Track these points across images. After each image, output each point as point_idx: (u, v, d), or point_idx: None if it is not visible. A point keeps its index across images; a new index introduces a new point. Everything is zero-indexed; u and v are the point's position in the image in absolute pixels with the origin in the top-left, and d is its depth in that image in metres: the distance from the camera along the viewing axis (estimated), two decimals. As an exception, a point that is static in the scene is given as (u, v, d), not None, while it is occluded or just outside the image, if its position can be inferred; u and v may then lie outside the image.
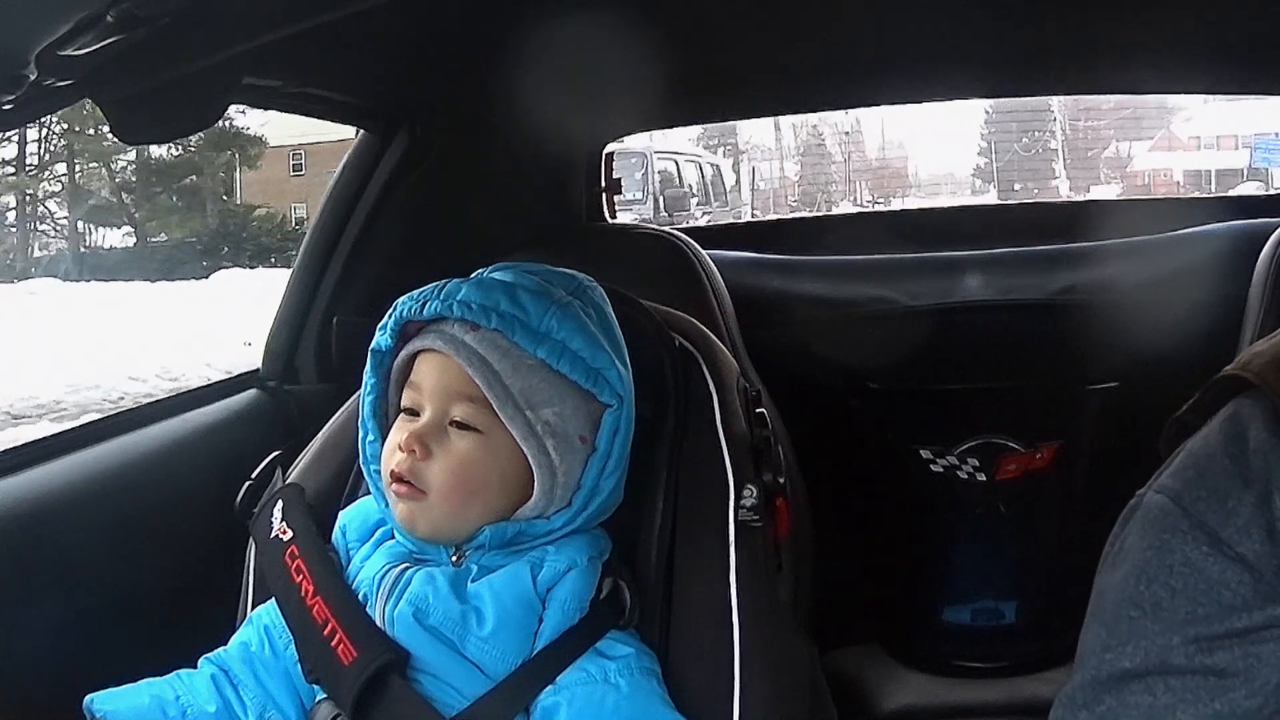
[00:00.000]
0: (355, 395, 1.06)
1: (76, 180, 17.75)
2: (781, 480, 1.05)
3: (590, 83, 1.65)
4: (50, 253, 17.72)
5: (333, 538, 1.03)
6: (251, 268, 14.71)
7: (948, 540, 1.91)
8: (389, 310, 0.99)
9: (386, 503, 0.98)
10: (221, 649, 1.00)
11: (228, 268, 14.94)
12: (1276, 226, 1.61)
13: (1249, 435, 0.73)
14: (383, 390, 1.01)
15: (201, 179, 17.72)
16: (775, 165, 21.02)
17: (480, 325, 0.94)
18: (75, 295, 12.59)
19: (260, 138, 17.12)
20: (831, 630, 1.54)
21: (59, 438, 1.31)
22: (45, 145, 17.35)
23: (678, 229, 1.96)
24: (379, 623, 0.94)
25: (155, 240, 17.68)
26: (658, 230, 1.85)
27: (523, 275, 0.99)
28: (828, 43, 1.72)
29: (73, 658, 1.12)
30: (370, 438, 1.00)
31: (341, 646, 0.92)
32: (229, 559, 1.10)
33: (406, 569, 0.96)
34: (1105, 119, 19.83)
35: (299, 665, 0.96)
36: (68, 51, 0.73)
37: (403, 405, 0.98)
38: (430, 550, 0.96)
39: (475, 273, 1.00)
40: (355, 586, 0.97)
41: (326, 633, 0.93)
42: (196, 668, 0.98)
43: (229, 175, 18.24)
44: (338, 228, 1.63)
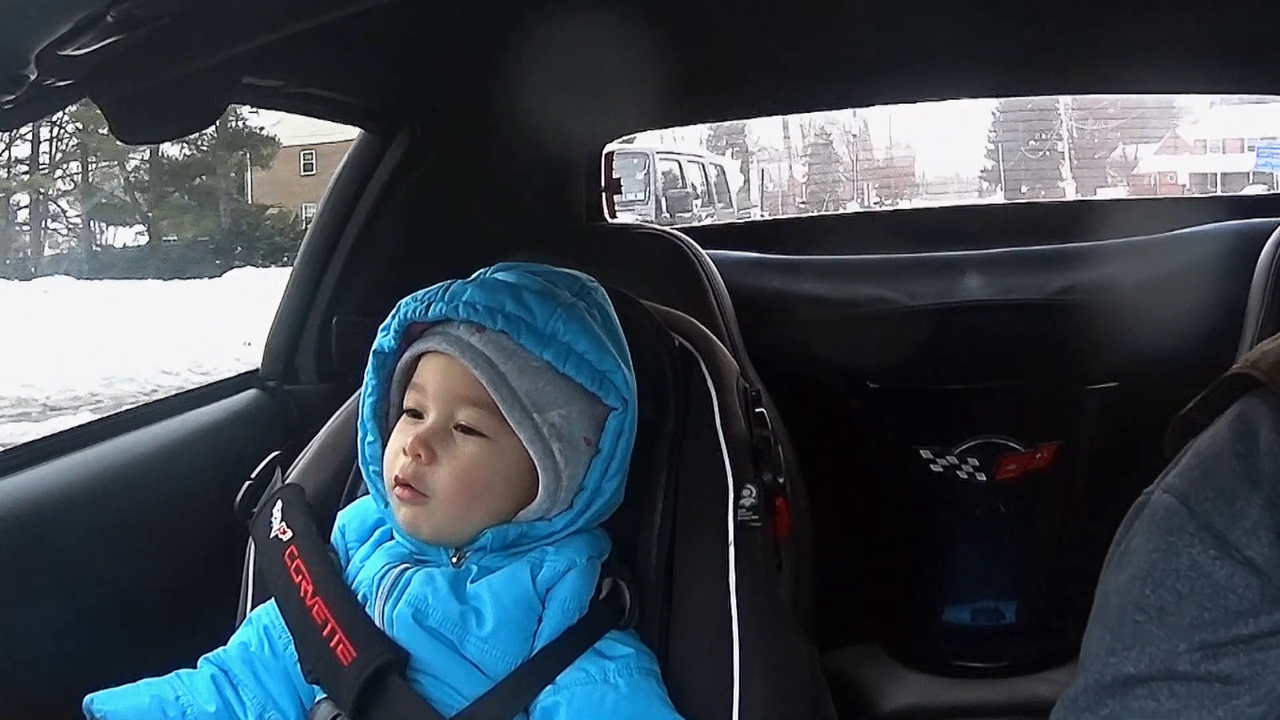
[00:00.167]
0: (355, 395, 1.05)
1: (90, 179, 17.73)
2: (781, 480, 1.04)
3: (590, 83, 1.65)
4: (61, 251, 17.67)
5: (332, 538, 1.03)
6: (264, 267, 14.70)
7: (948, 540, 1.91)
8: (392, 311, 0.98)
9: (386, 504, 0.98)
10: (221, 649, 1.00)
11: (240, 267, 14.94)
12: (1276, 226, 1.61)
13: (1259, 436, 0.72)
14: (384, 391, 1.00)
15: (214, 178, 17.71)
16: (784, 167, 20.97)
17: (486, 327, 0.94)
18: (89, 293, 12.56)
19: (273, 138, 17.11)
20: (831, 630, 1.54)
21: (59, 437, 1.31)
22: (57, 144, 17.33)
23: (678, 228, 1.96)
24: (378, 623, 0.94)
25: (168, 239, 17.65)
26: (658, 230, 1.85)
27: (527, 276, 0.98)
28: (828, 42, 1.72)
29: (73, 658, 1.11)
30: (370, 439, 1.00)
31: (341, 647, 0.92)
32: (229, 559, 1.10)
33: (406, 569, 0.96)
34: (1112, 121, 19.78)
35: (298, 665, 0.96)
36: (68, 51, 0.73)
37: (406, 407, 0.97)
38: (430, 551, 0.96)
39: (478, 273, 1.00)
40: (355, 587, 0.97)
41: (326, 633, 0.93)
42: (196, 668, 0.98)
43: (241, 175, 18.21)
44: (338, 228, 1.63)
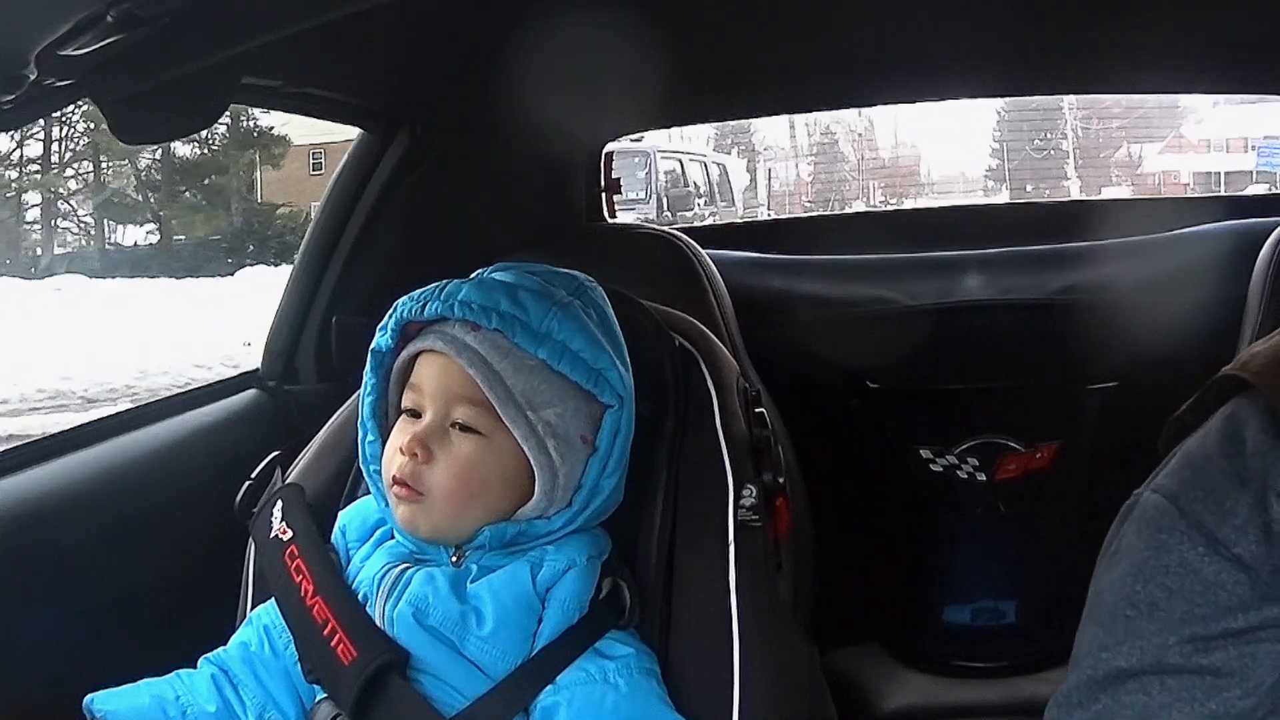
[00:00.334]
0: (355, 395, 1.06)
1: (102, 178, 17.71)
2: (781, 480, 1.04)
3: (590, 83, 1.65)
4: (72, 249, 17.64)
5: (332, 538, 1.03)
6: (276, 265, 14.65)
7: (948, 540, 1.91)
8: (389, 311, 0.98)
9: (387, 503, 0.98)
10: (221, 649, 1.00)
11: (253, 265, 14.92)
12: (1276, 226, 1.61)
13: (1246, 436, 0.73)
14: (383, 391, 1.00)
15: (226, 177, 17.68)
16: (791, 166, 20.98)
17: (481, 326, 0.94)
18: (101, 291, 12.53)
19: (284, 137, 17.09)
20: (831, 630, 1.54)
21: (59, 437, 1.31)
22: (68, 143, 17.30)
23: (678, 228, 1.96)
24: (379, 623, 0.94)
25: (179, 238, 17.63)
26: (658, 230, 1.85)
27: (523, 275, 0.99)
28: (829, 42, 1.72)
29: (73, 658, 1.12)
30: (370, 438, 1.00)
31: (341, 646, 0.92)
32: (229, 559, 1.10)
33: (406, 569, 0.96)
34: (1116, 121, 19.80)
35: (299, 665, 0.96)
36: (68, 51, 0.74)
37: (403, 406, 0.98)
38: (430, 550, 0.96)
39: (475, 273, 1.00)
40: (355, 586, 0.97)
41: (326, 633, 0.93)
42: (196, 668, 0.98)
43: (252, 174, 18.19)
44: (338, 228, 1.63)
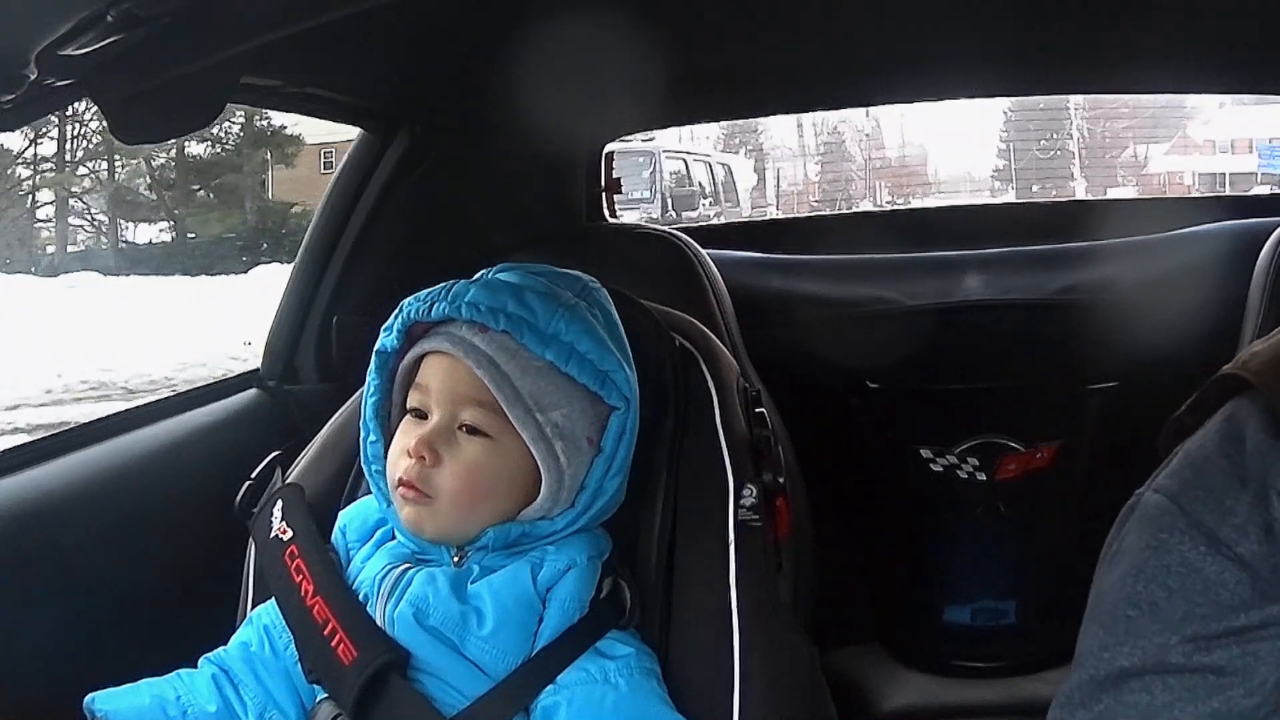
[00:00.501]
0: (356, 395, 1.06)
1: (116, 176, 17.68)
2: (781, 480, 1.04)
3: (590, 83, 1.65)
4: (86, 247, 17.59)
5: (332, 538, 1.03)
6: (289, 263, 14.68)
7: (948, 540, 1.91)
8: (395, 311, 0.98)
9: (388, 503, 0.98)
10: (222, 649, 1.00)
11: (267, 263, 14.90)
12: (1276, 226, 1.61)
13: (1246, 435, 0.73)
14: (386, 391, 1.00)
15: (240, 176, 17.65)
16: (798, 167, 20.96)
17: (488, 327, 0.94)
18: (115, 289, 12.50)
19: (297, 136, 17.05)
20: (831, 630, 1.54)
21: (59, 437, 1.31)
22: (82, 142, 17.26)
23: (678, 228, 1.96)
24: (379, 623, 0.94)
25: (192, 236, 17.60)
26: (658, 230, 1.85)
27: (529, 277, 0.98)
28: (829, 42, 1.72)
29: (73, 658, 1.11)
30: (372, 438, 1.00)
31: (342, 646, 0.92)
32: (229, 559, 1.10)
33: (408, 569, 0.96)
34: (1122, 122, 19.78)
35: (299, 665, 0.96)
36: (68, 51, 0.74)
37: (409, 406, 0.97)
38: (432, 551, 0.96)
39: (480, 273, 1.00)
40: (356, 587, 0.97)
41: (327, 633, 0.93)
42: (196, 668, 0.98)
43: (265, 172, 18.15)
44: (338, 228, 1.63)
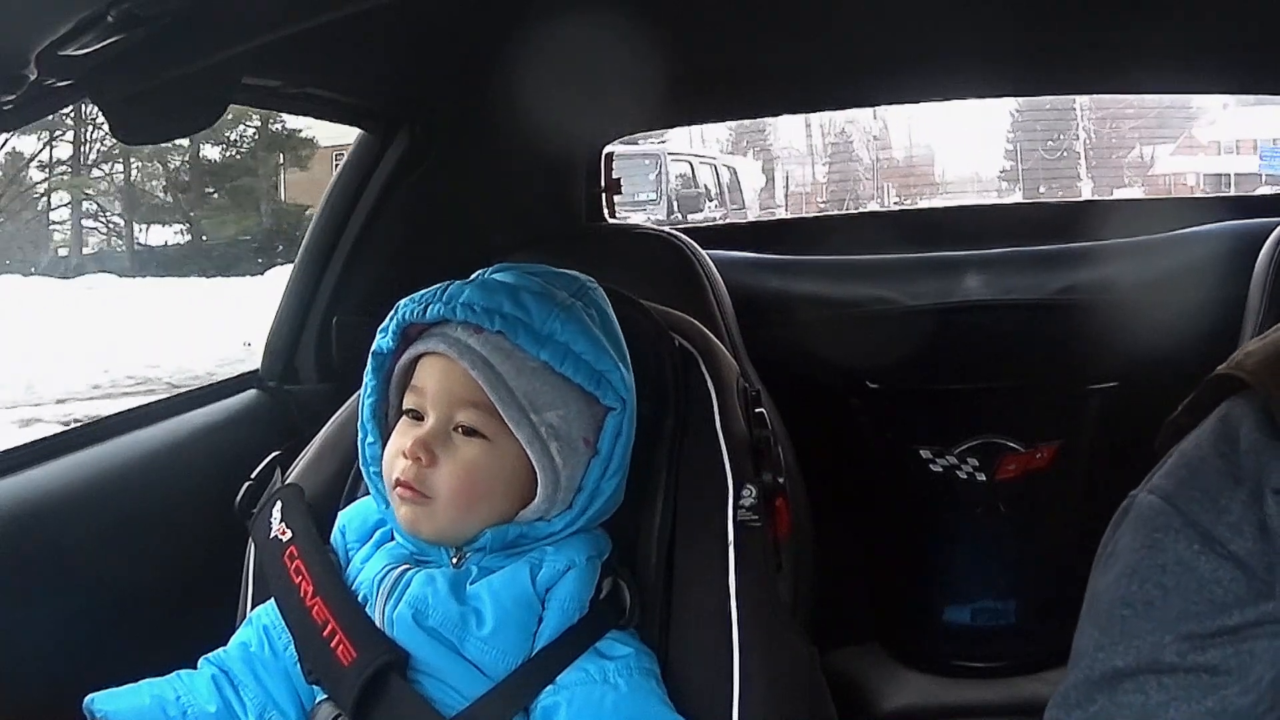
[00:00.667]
0: (355, 395, 1.05)
1: (131, 179, 17.67)
2: (781, 480, 1.04)
3: (590, 83, 1.65)
4: (101, 249, 17.56)
5: (332, 538, 1.03)
6: None
7: (948, 540, 1.91)
8: (390, 312, 0.98)
9: (387, 504, 0.98)
10: (221, 649, 1.00)
11: (282, 264, 14.92)
12: (1276, 226, 1.61)
13: (1240, 435, 0.73)
14: (383, 393, 1.00)
15: (255, 179, 17.65)
16: (807, 168, 20.96)
17: (483, 328, 0.94)
18: (131, 290, 12.44)
19: (311, 139, 17.07)
20: (831, 630, 1.54)
21: (59, 438, 1.31)
22: (97, 145, 17.23)
23: (678, 228, 1.96)
24: (379, 624, 0.94)
25: (208, 238, 17.60)
26: (657, 230, 1.85)
27: (525, 277, 0.98)
28: (829, 42, 1.72)
29: (73, 658, 1.12)
30: (370, 440, 1.00)
31: (341, 647, 0.92)
32: (229, 559, 1.10)
33: (407, 570, 0.96)
34: (1129, 122, 19.75)
35: (299, 666, 0.96)
36: (68, 51, 0.74)
37: (405, 407, 0.97)
38: (431, 552, 0.96)
39: (476, 274, 1.00)
40: (355, 588, 0.97)
41: (326, 633, 0.93)
42: (196, 668, 0.98)
43: (279, 175, 18.15)
44: (338, 228, 1.63)
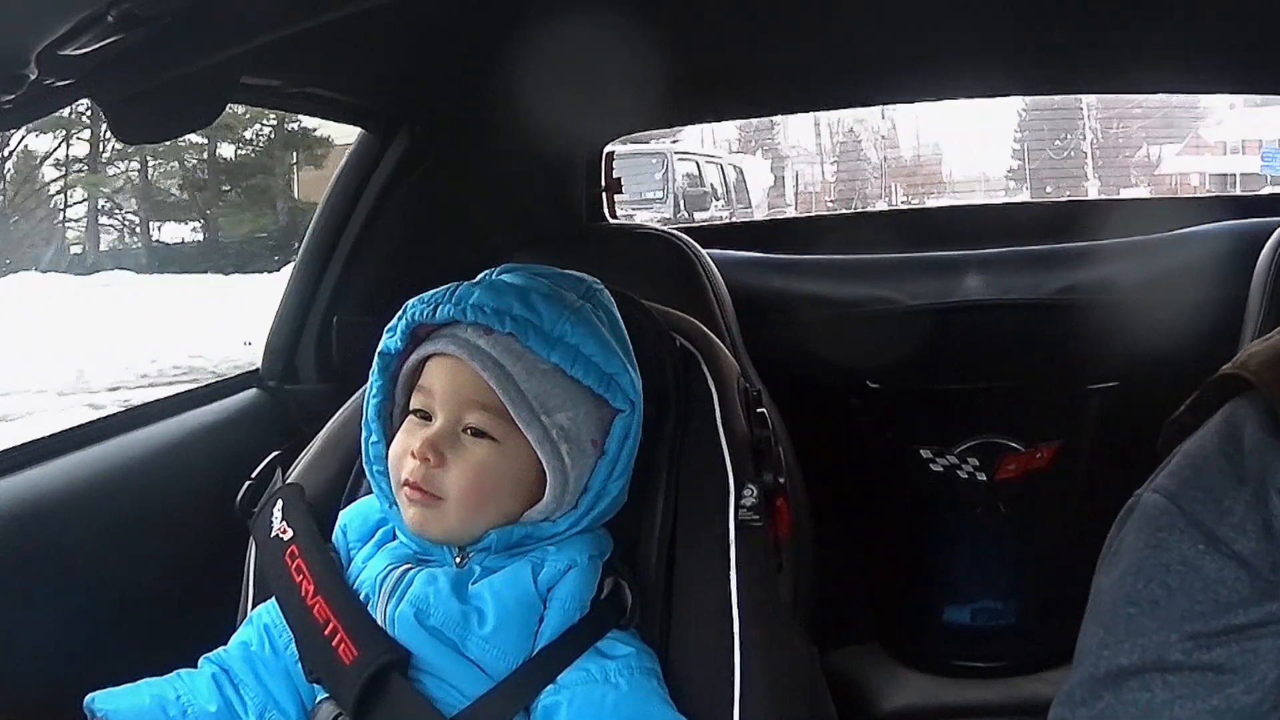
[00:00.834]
0: (357, 395, 1.05)
1: (149, 176, 17.68)
2: (782, 480, 1.04)
3: (590, 83, 1.65)
4: (117, 247, 17.55)
5: (333, 537, 1.03)
6: None
7: (947, 540, 1.91)
8: (398, 313, 0.98)
9: (390, 504, 0.98)
10: (222, 649, 1.00)
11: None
12: (1276, 226, 1.61)
13: (1244, 435, 0.74)
14: (389, 392, 1.00)
15: (271, 178, 17.67)
16: (815, 167, 21.00)
17: (494, 329, 0.94)
18: (149, 287, 12.40)
19: (327, 138, 17.08)
20: (831, 630, 1.54)
21: (59, 437, 1.31)
22: (110, 142, 17.22)
23: (681, 226, 1.96)
24: (380, 623, 0.94)
25: (224, 235, 17.60)
26: (658, 230, 1.85)
27: (534, 279, 0.98)
28: (829, 41, 1.72)
29: (73, 658, 1.12)
30: (375, 439, 1.00)
31: (342, 646, 0.92)
32: (229, 559, 1.10)
33: (409, 570, 0.96)
34: (1136, 122, 19.79)
35: (299, 665, 0.96)
36: (68, 51, 0.73)
37: (412, 408, 0.97)
38: (434, 551, 0.96)
39: (483, 275, 1.00)
40: (357, 587, 0.97)
41: (327, 632, 0.93)
42: (197, 667, 0.98)
43: (293, 173, 18.16)
44: (338, 228, 1.63)
